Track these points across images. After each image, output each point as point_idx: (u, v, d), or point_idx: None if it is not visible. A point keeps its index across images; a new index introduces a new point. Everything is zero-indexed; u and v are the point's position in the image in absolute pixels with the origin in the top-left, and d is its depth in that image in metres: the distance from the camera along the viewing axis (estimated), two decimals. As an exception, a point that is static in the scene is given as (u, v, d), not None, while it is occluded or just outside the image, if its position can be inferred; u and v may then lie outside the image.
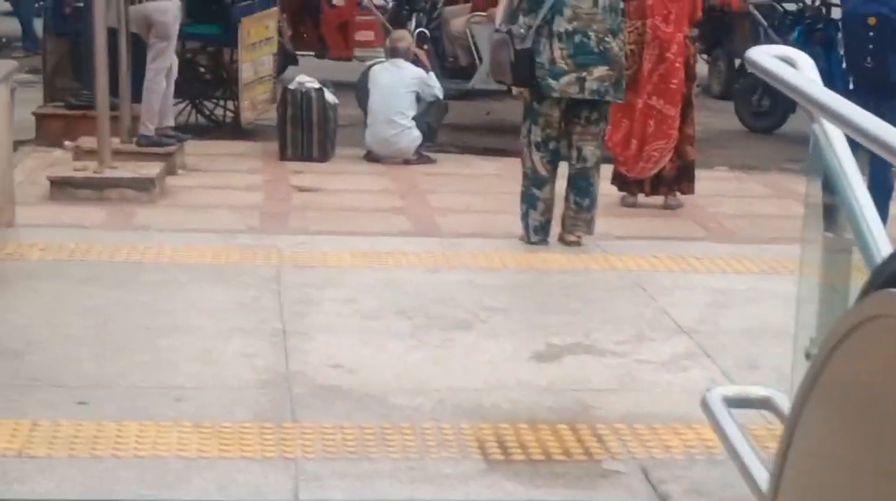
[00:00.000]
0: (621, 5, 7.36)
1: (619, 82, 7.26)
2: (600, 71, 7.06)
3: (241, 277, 6.14)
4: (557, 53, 7.02)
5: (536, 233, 7.17)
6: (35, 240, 6.65)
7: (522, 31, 7.06)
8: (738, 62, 15.15)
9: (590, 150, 7.21)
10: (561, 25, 7.02)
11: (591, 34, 7.04)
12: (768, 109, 13.33)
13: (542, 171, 7.15)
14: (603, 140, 7.45)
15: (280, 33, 13.43)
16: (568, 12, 7.02)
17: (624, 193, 9.20)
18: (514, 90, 7.43)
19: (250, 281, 6.09)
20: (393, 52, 11.07)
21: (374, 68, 11.24)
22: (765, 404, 3.17)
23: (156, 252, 6.55)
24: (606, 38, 7.07)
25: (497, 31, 7.41)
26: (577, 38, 7.02)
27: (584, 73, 7.04)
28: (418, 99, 10.97)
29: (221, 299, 5.79)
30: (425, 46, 12.41)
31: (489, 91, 12.72)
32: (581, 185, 7.20)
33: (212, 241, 6.91)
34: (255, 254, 6.59)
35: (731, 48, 14.74)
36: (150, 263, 6.33)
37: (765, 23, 13.46)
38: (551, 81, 7.02)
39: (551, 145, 7.17)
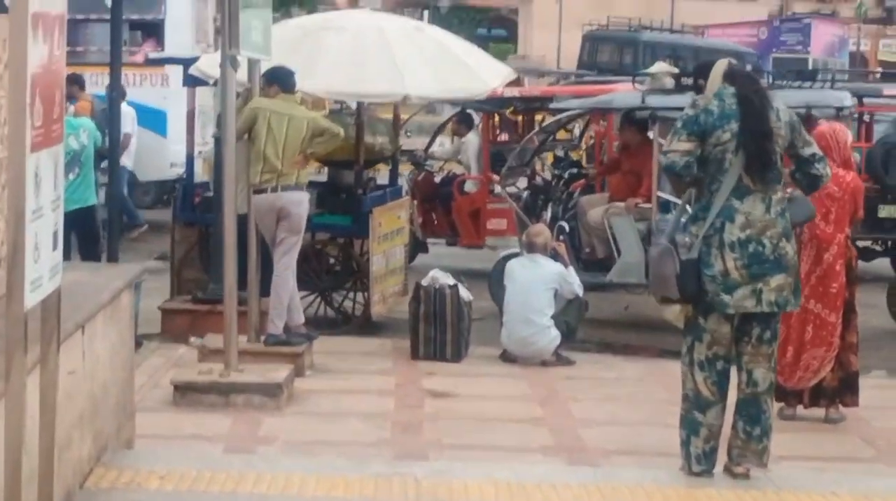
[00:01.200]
0: None
1: (798, 289, 6.64)
2: (777, 280, 6.43)
3: (377, 515, 5.58)
4: (731, 264, 6.40)
5: (700, 463, 6.48)
6: (155, 465, 6.16)
7: (687, 239, 6.47)
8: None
9: (761, 374, 6.54)
10: (733, 233, 6.41)
11: (766, 241, 6.42)
12: (925, 306, 12.62)
13: (707, 394, 6.48)
14: (775, 361, 6.77)
15: (410, 220, 13.11)
16: (740, 219, 6.42)
17: (781, 404, 8.53)
18: (669, 314, 6.72)
19: (386, 520, 5.53)
20: (530, 247, 10.61)
21: (510, 263, 10.78)
22: None
23: (283, 482, 6.02)
24: (781, 243, 6.46)
25: (656, 243, 6.85)
26: (751, 247, 6.41)
27: (759, 285, 6.40)
28: (556, 295, 10.48)
29: (355, 544, 5.23)
30: (562, 238, 11.95)
31: (627, 284, 12.19)
32: (751, 413, 6.51)
33: (344, 470, 6.36)
34: (391, 486, 6.03)
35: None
36: (276, 497, 5.80)
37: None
38: (724, 296, 6.38)
39: (718, 365, 6.49)
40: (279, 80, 9.56)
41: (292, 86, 9.61)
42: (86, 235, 11.75)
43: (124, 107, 16.14)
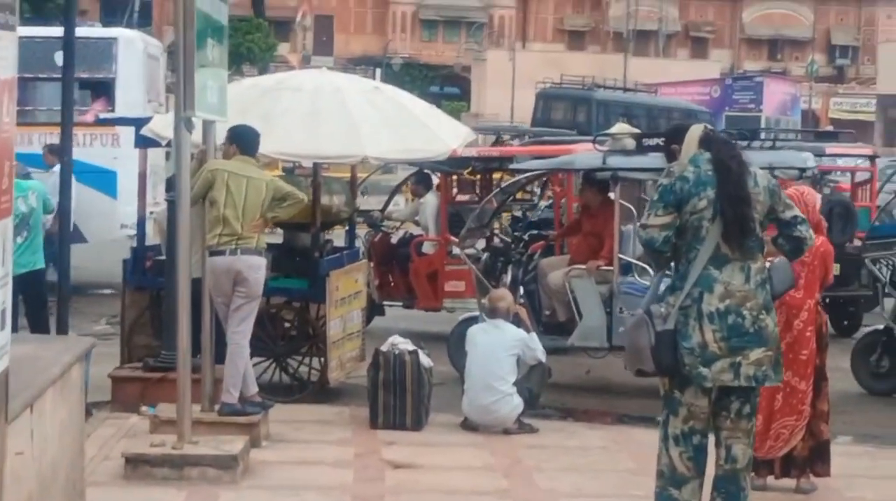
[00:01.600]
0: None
1: (778, 363, 6.42)
2: (757, 353, 6.21)
3: None
4: (709, 336, 6.17)
5: (675, 542, 6.24)
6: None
7: (663, 310, 6.24)
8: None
9: (740, 449, 6.31)
10: (711, 304, 6.18)
11: (746, 313, 6.21)
12: (888, 370, 12.48)
13: (682, 469, 6.22)
14: (754, 436, 6.55)
15: (367, 283, 12.85)
16: (719, 289, 6.20)
17: (751, 474, 8.32)
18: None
19: None
20: (493, 312, 10.37)
21: (471, 329, 10.54)
22: None
23: (241, 566, 5.74)
24: (761, 316, 6.24)
25: (631, 313, 6.64)
26: (730, 319, 6.19)
27: (738, 358, 6.18)
28: (518, 361, 10.24)
29: None
30: (522, 301, 11.73)
31: (588, 348, 12.00)
32: (730, 490, 6.27)
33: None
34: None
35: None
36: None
37: (883, 279, 12.68)
38: (702, 369, 6.15)
39: (695, 439, 6.24)
40: (240, 141, 9.34)
41: (253, 150, 9.40)
42: (33, 300, 11.48)
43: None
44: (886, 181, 16.77)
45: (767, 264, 6.49)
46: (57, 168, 15.41)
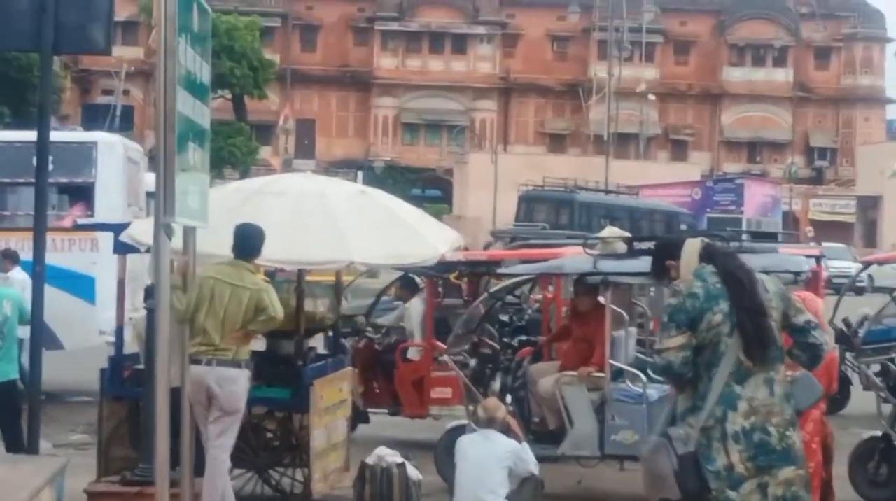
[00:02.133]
0: None
1: (808, 483, 6.09)
2: (786, 473, 5.90)
3: None
4: (735, 457, 5.85)
5: None
6: None
7: (683, 432, 5.91)
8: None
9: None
10: (736, 423, 5.88)
11: (772, 429, 5.90)
12: (887, 478, 12.12)
13: None
14: None
15: (351, 390, 12.51)
16: (743, 406, 5.89)
17: None
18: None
19: None
20: (490, 423, 10.01)
21: (461, 440, 10.18)
22: None
23: None
24: (788, 432, 5.94)
25: (646, 440, 6.30)
26: (755, 436, 5.88)
27: (765, 478, 5.87)
28: (510, 473, 9.88)
29: None
30: (511, 409, 11.39)
31: (579, 457, 11.66)
32: None
33: None
34: None
35: None
36: None
37: (881, 386, 12.35)
38: (730, 493, 5.82)
39: (715, 569, 5.89)
40: (237, 240, 9.13)
41: (247, 254, 9.15)
42: (6, 410, 11.12)
43: (17, 273, 15.27)
44: (847, 289, 16.81)
45: (789, 377, 6.19)
46: (13, 273, 15.12)
